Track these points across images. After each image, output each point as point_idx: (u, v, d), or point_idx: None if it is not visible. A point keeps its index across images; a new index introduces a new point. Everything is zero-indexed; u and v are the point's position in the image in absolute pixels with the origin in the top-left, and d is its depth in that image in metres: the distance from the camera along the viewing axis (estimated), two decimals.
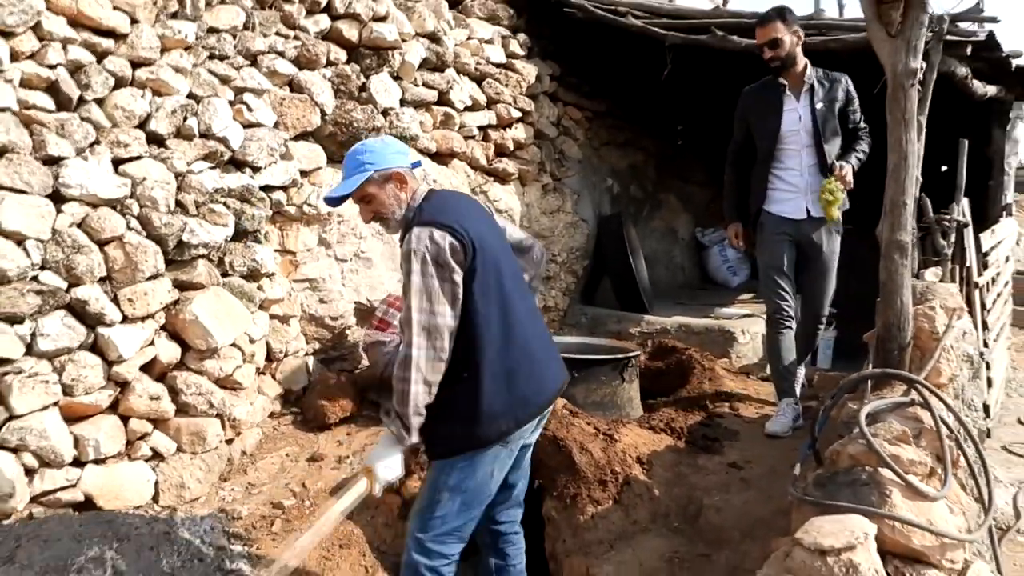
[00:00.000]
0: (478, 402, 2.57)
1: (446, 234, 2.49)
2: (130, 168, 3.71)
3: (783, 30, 4.08)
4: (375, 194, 2.67)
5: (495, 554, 2.96)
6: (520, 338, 2.67)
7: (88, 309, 3.42)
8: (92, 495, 3.38)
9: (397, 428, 2.53)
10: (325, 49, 4.70)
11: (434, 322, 2.47)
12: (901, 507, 2.31)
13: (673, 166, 8.46)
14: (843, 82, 4.18)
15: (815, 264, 4.26)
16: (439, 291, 2.48)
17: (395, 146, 2.77)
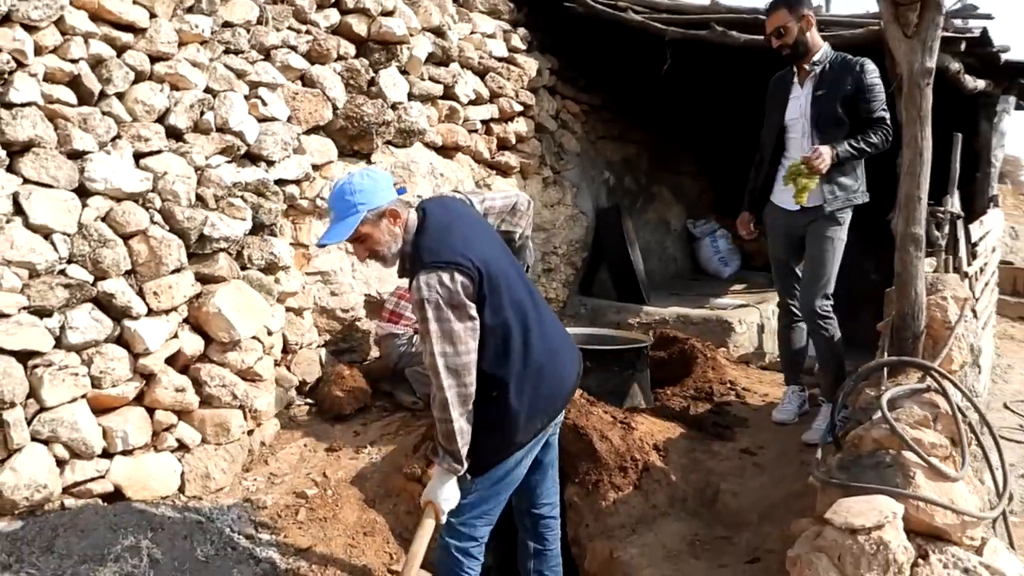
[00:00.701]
0: (510, 415, 2.65)
1: (454, 273, 2.50)
2: (151, 162, 3.75)
3: (788, 18, 3.94)
4: (370, 233, 2.62)
5: (534, 538, 3.04)
6: (538, 341, 2.72)
7: (114, 302, 3.46)
8: (121, 486, 3.44)
9: (449, 463, 2.60)
10: (335, 44, 4.75)
11: (459, 362, 2.51)
12: (924, 488, 2.43)
13: (665, 158, 8.58)
14: (857, 69, 3.90)
15: (808, 254, 4.08)
16: (459, 332, 2.50)
17: (382, 180, 2.71)
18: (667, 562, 3.11)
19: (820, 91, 3.95)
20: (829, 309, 4.02)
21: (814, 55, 3.98)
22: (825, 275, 3.98)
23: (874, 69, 3.91)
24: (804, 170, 3.83)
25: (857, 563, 2.25)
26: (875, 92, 3.87)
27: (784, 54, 4.03)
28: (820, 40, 4.03)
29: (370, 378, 4.65)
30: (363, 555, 3.48)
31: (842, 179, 3.91)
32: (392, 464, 3.91)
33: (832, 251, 3.98)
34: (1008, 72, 6.44)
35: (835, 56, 4.00)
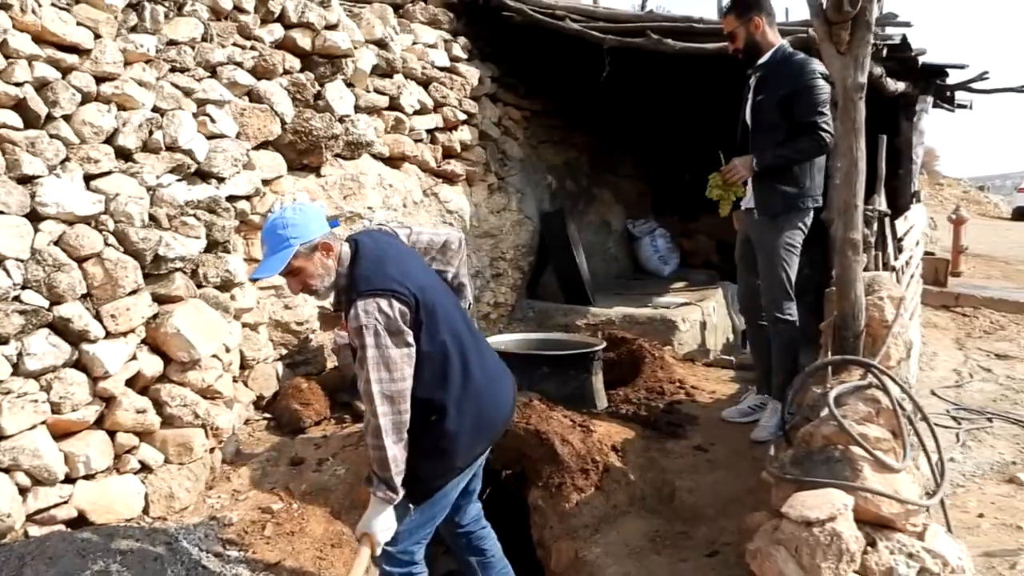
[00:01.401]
0: (451, 438, 2.69)
1: (392, 300, 2.53)
2: (102, 184, 3.73)
3: (736, 23, 4.02)
4: (303, 267, 2.64)
5: (473, 552, 3.09)
6: (476, 367, 2.77)
7: (71, 327, 3.44)
8: (84, 510, 3.42)
9: (384, 492, 2.61)
10: (281, 58, 4.77)
11: (394, 388, 2.52)
12: (871, 480, 2.62)
13: (605, 161, 8.78)
14: (796, 69, 3.90)
15: (759, 260, 4.16)
16: (395, 359, 2.52)
17: (313, 213, 2.73)
18: (630, 559, 3.25)
19: (760, 95, 4.01)
20: (789, 312, 4.07)
21: (762, 58, 4.02)
22: (777, 284, 4.04)
23: (815, 70, 3.87)
24: (718, 182, 3.99)
25: (813, 553, 2.41)
26: (812, 94, 3.85)
27: (739, 58, 4.11)
28: (774, 40, 4.05)
29: (327, 389, 4.68)
30: (332, 567, 3.53)
31: (778, 185, 3.95)
32: (356, 475, 3.97)
33: (779, 255, 4.02)
34: (925, 74, 6.79)
35: (782, 57, 4.00)
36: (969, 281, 11.15)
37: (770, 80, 3.99)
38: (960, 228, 11.97)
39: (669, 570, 3.14)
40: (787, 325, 4.07)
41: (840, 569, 2.42)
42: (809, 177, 4.02)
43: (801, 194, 4.00)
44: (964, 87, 7.55)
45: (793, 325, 4.09)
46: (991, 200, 33.05)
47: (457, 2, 6.39)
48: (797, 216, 4.03)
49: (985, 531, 4.27)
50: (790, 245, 4.05)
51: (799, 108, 3.88)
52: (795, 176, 3.98)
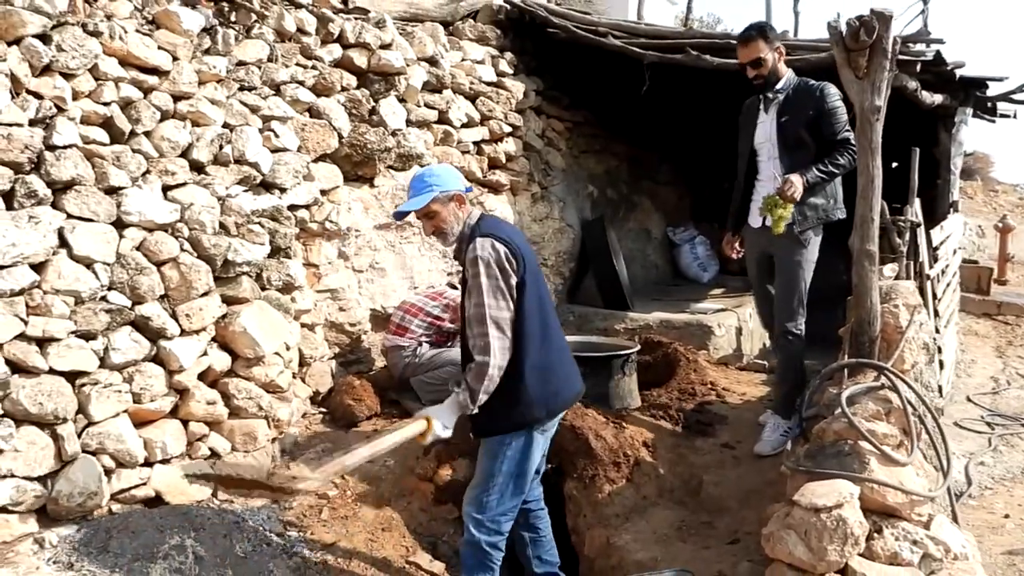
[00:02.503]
0: (519, 389, 3.08)
1: (503, 246, 3.02)
2: (178, 194, 4.09)
3: (765, 49, 4.10)
4: (439, 211, 3.12)
5: (528, 529, 3.47)
6: (554, 343, 3.20)
7: (151, 324, 3.80)
8: (161, 491, 3.77)
9: (464, 398, 2.98)
10: (339, 76, 5.11)
11: (502, 315, 2.97)
12: (878, 472, 2.84)
13: (644, 169, 9.00)
14: (817, 94, 4.08)
15: (778, 276, 4.25)
16: (503, 289, 2.98)
17: (454, 172, 3.28)
18: (657, 545, 3.50)
19: (784, 117, 4.15)
20: (800, 327, 4.19)
21: (779, 83, 4.19)
22: (796, 298, 4.16)
23: (835, 93, 4.07)
24: (779, 201, 3.98)
25: (820, 537, 2.65)
26: (837, 115, 4.05)
27: (757, 84, 4.23)
28: (785, 68, 4.25)
29: (378, 387, 4.99)
30: (382, 548, 3.84)
31: (812, 200, 4.05)
32: (404, 466, 4.27)
33: (801, 273, 4.14)
34: (964, 86, 6.90)
35: (797, 82, 4.20)
36: (1014, 290, 11.12)
37: (793, 103, 4.14)
38: (1007, 236, 11.92)
39: (693, 555, 3.38)
40: (796, 339, 4.20)
41: (845, 551, 2.65)
42: (837, 191, 4.20)
43: (830, 207, 4.16)
44: (1005, 98, 7.63)
45: (800, 339, 4.21)
46: None
47: (504, 19, 6.69)
48: (821, 231, 4.20)
49: (1009, 531, 4.42)
50: (811, 260, 4.20)
51: (828, 128, 4.06)
52: (826, 191, 4.14)
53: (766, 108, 4.27)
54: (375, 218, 5.22)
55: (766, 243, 4.27)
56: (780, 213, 4.01)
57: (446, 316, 5.02)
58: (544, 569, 3.47)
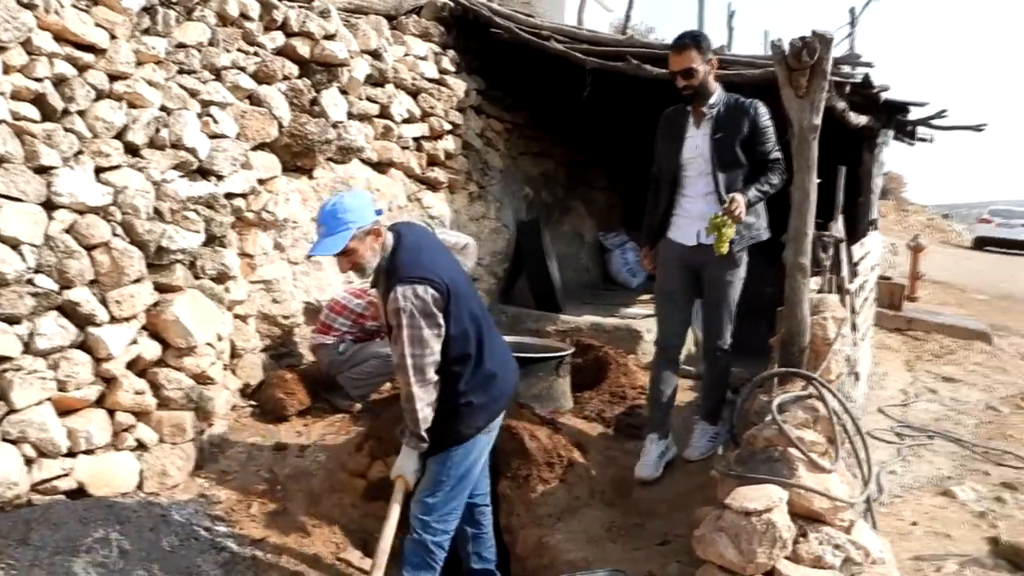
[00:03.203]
0: (459, 409, 3.17)
1: (428, 287, 2.96)
2: (111, 177, 3.97)
3: (698, 59, 3.95)
4: (356, 248, 3.03)
5: (471, 524, 3.52)
6: (488, 352, 3.22)
7: (79, 310, 3.68)
8: (84, 483, 3.66)
9: (415, 443, 3.13)
10: (281, 65, 5.03)
11: (423, 362, 3.00)
12: (805, 478, 2.95)
13: (579, 174, 9.11)
14: (751, 112, 4.01)
15: (709, 294, 4.19)
16: (427, 338, 2.97)
17: (366, 200, 3.15)
18: (589, 546, 3.56)
19: (719, 134, 4.01)
20: (728, 345, 4.19)
21: (710, 98, 4.05)
22: (729, 317, 4.16)
23: (766, 111, 4.03)
24: (727, 220, 3.84)
25: (750, 539, 2.74)
26: (769, 134, 4.02)
27: (686, 94, 4.06)
28: (715, 83, 4.11)
29: (308, 382, 4.93)
30: (313, 544, 3.81)
31: (746, 219, 3.95)
32: (336, 462, 4.24)
33: (734, 293, 4.15)
34: (887, 109, 7.21)
35: (729, 98, 4.08)
36: (924, 306, 11.64)
37: (727, 120, 4.03)
38: (918, 255, 12.47)
39: (623, 556, 3.46)
40: (725, 354, 4.20)
41: (773, 554, 2.75)
42: (764, 210, 4.19)
43: (760, 226, 4.16)
44: (924, 123, 8.00)
45: (729, 353, 4.22)
46: (954, 228, 33.91)
47: (448, 16, 6.67)
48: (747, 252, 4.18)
49: (917, 537, 4.64)
50: (742, 278, 4.20)
51: (760, 147, 4.03)
52: (757, 211, 4.12)
53: (696, 123, 4.12)
54: (312, 210, 5.15)
55: (698, 261, 4.14)
56: (727, 233, 3.88)
57: (368, 314, 4.96)
58: (482, 566, 3.51)
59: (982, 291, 15.18)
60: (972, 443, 6.17)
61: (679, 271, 4.23)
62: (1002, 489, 5.55)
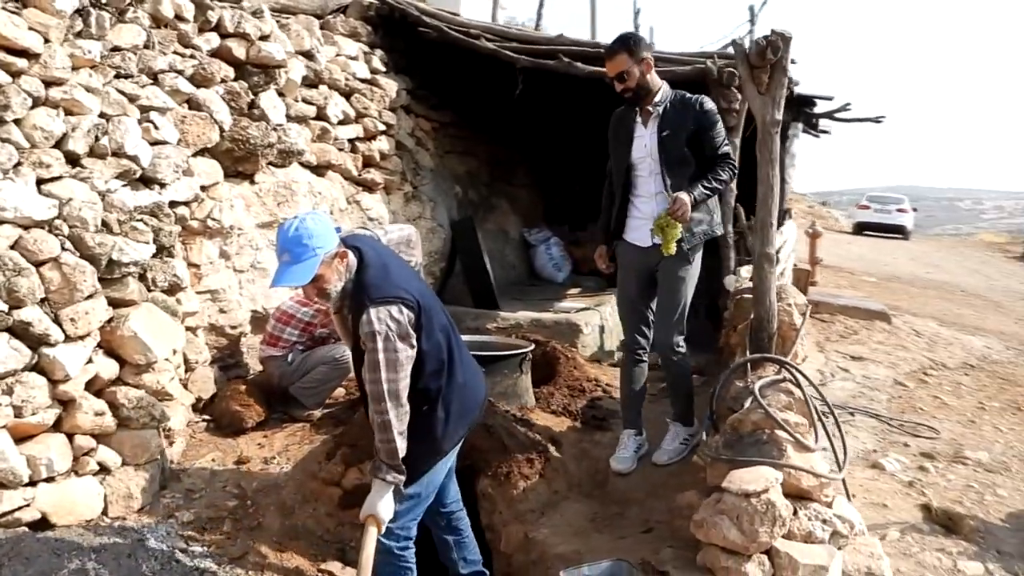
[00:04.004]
0: (436, 427, 3.02)
1: (402, 307, 2.79)
2: (54, 188, 3.76)
3: (629, 62, 3.93)
4: (323, 274, 2.83)
5: (450, 532, 3.45)
6: (459, 365, 3.10)
7: (31, 330, 3.47)
8: (47, 512, 3.46)
9: (392, 476, 2.87)
10: (218, 67, 4.87)
11: (399, 387, 2.80)
12: (794, 458, 3.10)
13: (502, 172, 9.17)
14: (697, 108, 3.98)
15: (662, 292, 4.14)
16: (402, 362, 2.79)
17: (327, 221, 2.92)
18: (576, 538, 3.62)
19: (665, 131, 3.98)
20: (682, 344, 4.14)
21: (655, 96, 4.02)
22: (680, 313, 4.09)
23: (713, 107, 4.02)
24: (671, 221, 3.85)
25: (752, 520, 2.86)
26: (717, 129, 4.00)
27: (626, 97, 4.05)
28: (659, 80, 4.08)
29: (262, 393, 4.81)
30: (292, 558, 3.71)
31: (696, 216, 3.97)
32: (305, 472, 4.15)
33: (685, 289, 4.07)
34: (798, 103, 7.57)
35: (674, 95, 4.05)
36: (824, 290, 12.24)
37: (673, 118, 4.00)
38: (816, 241, 13.11)
39: (611, 545, 3.52)
40: (679, 354, 4.15)
41: (774, 532, 2.88)
42: (716, 206, 4.21)
43: (712, 222, 4.14)
44: (830, 116, 8.45)
45: (684, 353, 4.17)
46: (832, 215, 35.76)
47: (374, 16, 6.61)
48: (701, 246, 4.14)
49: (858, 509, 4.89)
50: (695, 276, 4.14)
51: (709, 143, 3.99)
52: (708, 208, 4.09)
53: (644, 122, 4.09)
54: (257, 216, 5.03)
55: (652, 261, 4.10)
56: (673, 234, 3.90)
57: (316, 321, 4.87)
58: (469, 569, 3.49)
59: (870, 273, 16.10)
60: (889, 417, 6.53)
61: (635, 275, 4.20)
62: (923, 459, 5.93)
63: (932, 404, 7.20)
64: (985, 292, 15.42)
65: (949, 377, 8.20)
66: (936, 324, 10.77)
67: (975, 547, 4.50)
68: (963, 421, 6.75)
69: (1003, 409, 7.20)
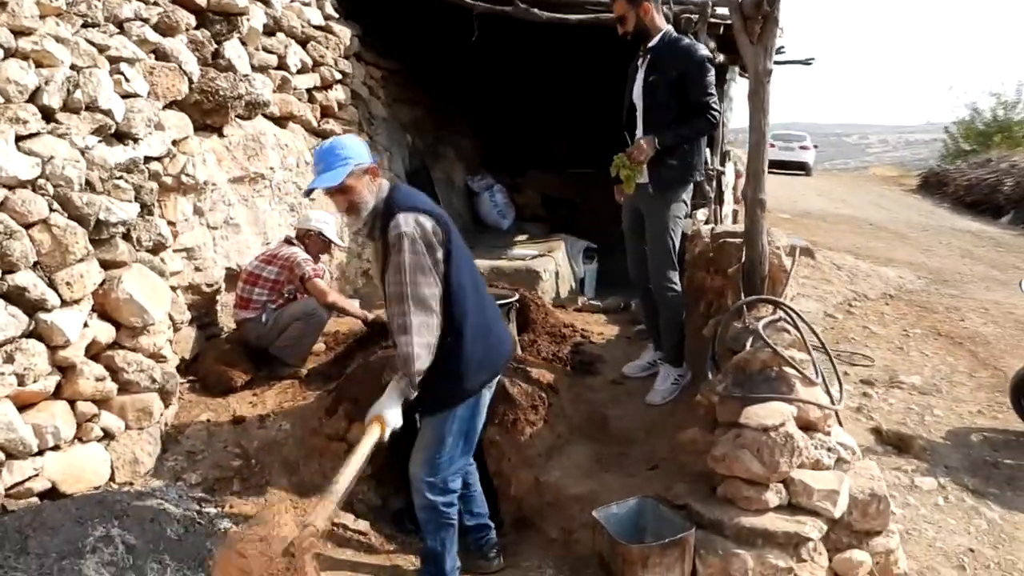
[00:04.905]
0: (462, 361, 3.01)
1: (429, 218, 2.85)
2: (34, 146, 3.57)
3: (627, 7, 4.17)
4: (354, 185, 2.87)
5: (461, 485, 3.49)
6: (487, 306, 3.18)
7: (27, 296, 3.34)
8: (56, 481, 3.39)
9: (404, 385, 2.84)
10: (183, 15, 4.65)
11: (425, 292, 2.79)
12: (802, 393, 3.30)
13: (445, 120, 9.09)
14: (683, 55, 4.13)
15: (648, 233, 4.37)
16: (427, 266, 2.80)
17: (362, 143, 3.05)
18: (587, 479, 3.77)
19: (652, 76, 4.18)
20: (674, 280, 4.36)
21: (652, 39, 4.20)
22: (664, 252, 4.31)
23: (703, 55, 4.18)
24: (626, 162, 4.17)
25: (772, 452, 3.06)
26: (703, 78, 4.13)
27: (628, 39, 4.30)
28: (661, 24, 4.25)
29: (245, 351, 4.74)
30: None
31: (669, 160, 4.18)
32: (305, 428, 4.16)
33: (664, 228, 4.28)
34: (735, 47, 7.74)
35: (668, 41, 4.20)
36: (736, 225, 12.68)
37: (661, 62, 4.18)
38: (738, 181, 13.53)
39: (622, 484, 3.69)
40: (673, 292, 4.37)
41: (792, 462, 3.09)
42: (696, 153, 4.36)
43: (690, 168, 4.30)
44: None
45: (678, 292, 4.39)
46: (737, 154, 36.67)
47: None
48: (683, 190, 4.36)
49: None
50: (677, 217, 4.34)
51: (692, 90, 4.14)
52: (685, 152, 4.25)
53: (642, 64, 4.30)
54: (228, 170, 4.88)
55: (637, 199, 4.39)
56: (626, 174, 4.19)
57: (283, 279, 4.80)
58: (475, 521, 3.51)
59: (783, 210, 16.71)
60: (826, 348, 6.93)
61: (629, 211, 4.52)
62: (864, 386, 6.34)
63: (862, 334, 7.67)
64: (890, 224, 16.26)
65: (872, 307, 8.71)
66: (853, 258, 11.34)
67: (925, 464, 4.90)
68: (892, 348, 7.23)
69: (925, 335, 7.73)
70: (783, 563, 2.99)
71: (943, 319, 8.30)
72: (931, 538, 4.09)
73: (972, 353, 7.16)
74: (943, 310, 8.69)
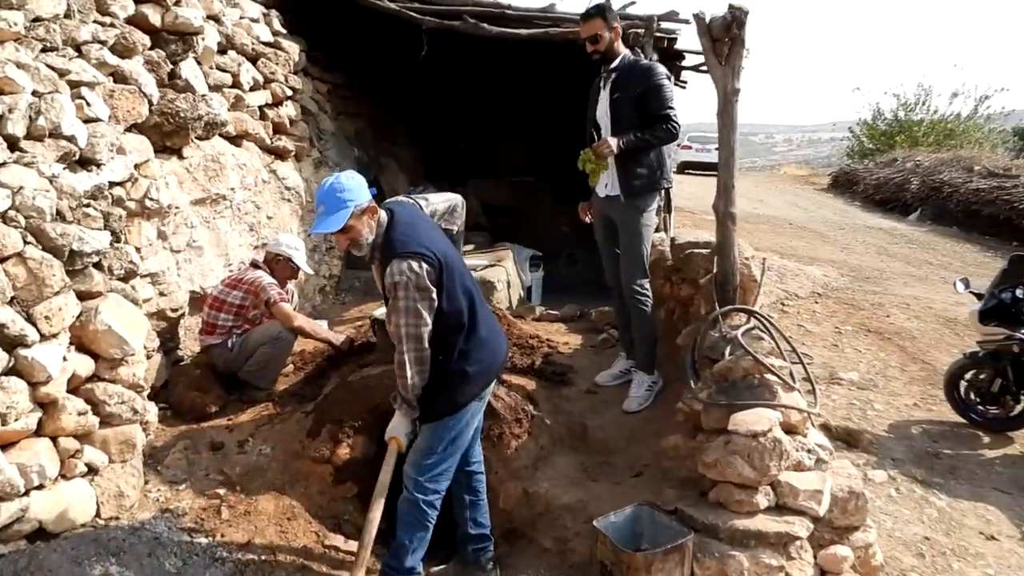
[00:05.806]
0: (453, 377, 3.27)
1: (422, 263, 3.05)
2: (2, 177, 3.46)
3: (603, 27, 4.35)
4: (354, 225, 3.10)
5: (468, 491, 3.62)
6: (480, 323, 3.35)
7: (6, 332, 3.23)
8: (44, 521, 3.30)
9: (406, 409, 3.27)
10: (139, 36, 4.56)
11: (418, 332, 3.10)
12: (784, 398, 3.47)
13: (386, 132, 9.07)
14: (644, 75, 4.35)
15: (620, 240, 4.55)
16: (420, 309, 3.07)
17: (361, 181, 3.24)
18: (575, 488, 3.86)
19: (616, 94, 4.42)
20: (646, 287, 4.54)
21: (615, 61, 4.44)
22: (635, 258, 4.50)
23: (660, 72, 4.42)
24: (592, 157, 4.37)
25: (762, 457, 3.21)
26: (661, 93, 4.35)
27: (595, 59, 4.48)
28: (623, 48, 4.52)
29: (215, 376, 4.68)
30: (297, 538, 3.73)
31: (638, 169, 4.40)
32: (287, 451, 4.13)
33: (637, 236, 4.48)
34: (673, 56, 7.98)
35: (629, 62, 4.47)
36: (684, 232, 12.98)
37: (624, 81, 4.41)
38: None
39: (610, 492, 3.80)
40: (644, 298, 4.54)
41: (781, 465, 3.25)
42: (662, 163, 4.56)
43: (658, 176, 4.51)
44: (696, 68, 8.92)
45: (649, 298, 4.56)
46: None
47: None
48: (653, 197, 4.56)
49: None
50: (648, 225, 4.54)
51: (652, 104, 4.36)
52: (651, 161, 4.47)
53: (604, 85, 4.52)
54: (190, 192, 4.80)
55: (609, 209, 4.59)
56: (592, 167, 4.43)
57: (248, 303, 4.76)
58: (478, 531, 3.63)
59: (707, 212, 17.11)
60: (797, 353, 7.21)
61: (602, 222, 4.72)
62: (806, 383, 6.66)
63: (798, 332, 7.98)
64: (808, 224, 16.86)
65: (804, 306, 9.06)
66: (779, 257, 11.73)
67: (874, 457, 5.17)
68: (827, 345, 7.56)
69: (856, 332, 8.09)
70: (775, 562, 3.15)
71: (870, 315, 8.68)
72: (889, 528, 4.32)
73: (901, 348, 7.52)
74: (869, 307, 9.09)
